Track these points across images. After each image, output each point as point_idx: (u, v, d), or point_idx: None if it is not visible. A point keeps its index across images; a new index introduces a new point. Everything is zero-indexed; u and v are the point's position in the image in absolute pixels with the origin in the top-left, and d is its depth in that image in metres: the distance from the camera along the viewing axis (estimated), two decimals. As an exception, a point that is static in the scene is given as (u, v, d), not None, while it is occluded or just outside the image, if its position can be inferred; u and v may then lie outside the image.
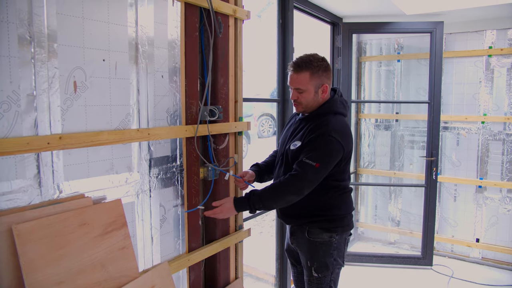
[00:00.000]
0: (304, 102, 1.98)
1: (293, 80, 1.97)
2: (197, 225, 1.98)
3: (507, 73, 3.76)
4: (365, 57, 4.44)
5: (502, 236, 3.89)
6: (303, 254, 2.10)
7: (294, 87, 1.98)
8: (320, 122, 1.95)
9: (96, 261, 1.39)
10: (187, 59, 1.85)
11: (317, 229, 2.03)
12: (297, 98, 1.98)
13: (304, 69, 1.93)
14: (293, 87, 1.98)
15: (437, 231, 4.16)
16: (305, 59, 1.94)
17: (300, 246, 2.10)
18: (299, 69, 1.94)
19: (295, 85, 1.97)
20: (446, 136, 4.10)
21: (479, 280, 3.59)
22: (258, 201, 1.87)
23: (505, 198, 3.86)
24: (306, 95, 1.96)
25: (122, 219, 1.52)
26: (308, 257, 2.07)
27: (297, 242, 2.12)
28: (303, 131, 1.99)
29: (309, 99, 1.97)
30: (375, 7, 3.40)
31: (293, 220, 2.11)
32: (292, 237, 2.15)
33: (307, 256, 2.07)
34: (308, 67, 1.93)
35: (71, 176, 1.41)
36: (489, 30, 3.80)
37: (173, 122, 1.81)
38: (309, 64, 1.93)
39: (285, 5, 2.86)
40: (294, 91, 1.98)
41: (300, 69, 1.94)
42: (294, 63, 1.96)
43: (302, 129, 2.01)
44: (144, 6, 1.64)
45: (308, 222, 2.05)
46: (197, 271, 1.99)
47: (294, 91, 1.99)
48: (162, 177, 1.78)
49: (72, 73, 1.39)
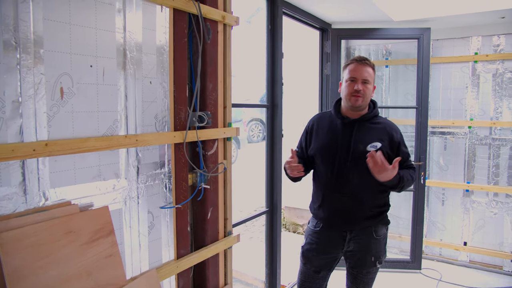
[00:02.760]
0: (367, 94, 2.03)
1: (362, 71, 2.01)
2: (186, 232, 1.97)
3: (492, 79, 3.82)
4: (353, 62, 4.46)
5: (489, 239, 3.94)
6: (366, 253, 2.12)
7: (363, 77, 2.01)
8: (385, 122, 2.13)
9: (82, 270, 1.37)
10: (176, 65, 1.85)
11: (380, 225, 2.14)
12: (363, 89, 2.00)
13: (369, 63, 2.04)
14: (362, 78, 2.01)
15: (426, 235, 4.20)
16: (364, 57, 2.08)
17: (363, 248, 2.12)
18: (366, 62, 2.02)
19: (364, 75, 2.01)
20: (434, 141, 4.15)
21: (467, 283, 3.62)
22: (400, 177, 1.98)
23: (492, 202, 3.91)
24: (370, 88, 2.03)
25: (109, 226, 1.50)
26: (374, 253, 2.13)
27: (358, 245, 2.12)
28: (375, 133, 2.06)
29: (370, 93, 2.05)
30: (364, 13, 3.44)
31: (361, 224, 2.10)
32: (350, 242, 2.13)
33: (372, 253, 2.12)
34: (371, 63, 2.05)
35: (57, 183, 1.39)
36: (474, 37, 3.87)
37: (162, 128, 1.80)
38: (370, 61, 2.06)
39: (274, 11, 2.88)
40: (360, 83, 2.01)
41: (366, 62, 2.02)
42: (359, 56, 2.06)
43: (371, 131, 2.07)
44: (132, 12, 1.63)
45: (376, 221, 2.11)
46: (186, 278, 1.98)
47: (360, 82, 2.01)
48: (150, 184, 1.77)
49: (59, 79, 1.38)
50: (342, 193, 2.07)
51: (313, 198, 2.25)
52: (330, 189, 2.11)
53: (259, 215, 3.02)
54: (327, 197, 2.13)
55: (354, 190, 2.06)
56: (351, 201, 2.07)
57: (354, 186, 2.05)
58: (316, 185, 2.22)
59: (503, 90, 3.78)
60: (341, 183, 2.07)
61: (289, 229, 5.46)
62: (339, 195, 2.08)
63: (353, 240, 2.13)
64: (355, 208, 2.08)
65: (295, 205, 5.38)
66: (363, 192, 2.06)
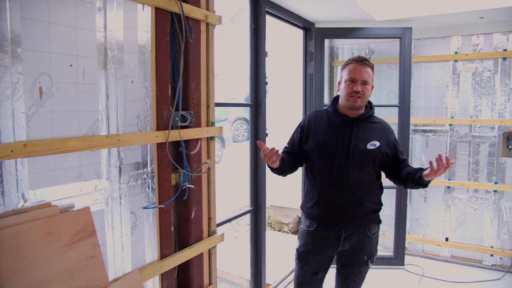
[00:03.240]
0: (366, 95, 2.05)
1: (362, 72, 2.02)
2: (169, 232, 1.96)
3: (472, 78, 3.90)
4: (337, 61, 4.51)
5: (470, 235, 4.02)
6: (360, 252, 2.14)
7: (363, 78, 2.02)
8: (381, 121, 2.19)
9: (63, 271, 1.36)
10: (158, 64, 1.84)
11: (373, 224, 2.18)
12: (362, 90, 2.02)
13: (368, 64, 2.05)
14: (361, 79, 2.02)
15: (409, 231, 4.27)
16: (363, 56, 2.09)
17: (358, 246, 2.14)
18: (365, 63, 2.03)
19: (364, 76, 2.02)
20: (416, 139, 4.22)
21: (449, 277, 3.69)
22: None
23: (472, 198, 3.99)
24: (369, 88, 2.06)
25: (91, 227, 1.49)
26: (367, 251, 2.16)
27: (353, 243, 2.14)
28: (374, 132, 2.11)
29: (369, 93, 2.08)
30: (347, 13, 3.47)
31: (358, 221, 2.12)
32: (345, 241, 2.14)
33: (365, 252, 2.15)
34: (370, 64, 2.06)
35: (36, 184, 1.37)
36: (455, 36, 3.94)
37: (144, 127, 1.79)
38: (369, 61, 2.06)
39: (258, 11, 2.88)
40: (360, 83, 2.02)
41: (366, 63, 2.03)
42: (359, 56, 2.06)
43: (370, 130, 2.11)
44: (113, 11, 1.61)
45: (371, 219, 2.15)
46: (170, 278, 1.97)
47: (359, 83, 2.02)
48: (132, 184, 1.76)
49: (38, 79, 1.36)
50: (341, 190, 2.08)
51: (307, 196, 2.23)
52: (328, 186, 2.10)
53: (243, 214, 3.02)
54: (324, 194, 2.12)
55: (353, 187, 2.07)
56: (350, 198, 2.08)
57: (353, 183, 2.07)
58: (311, 183, 2.19)
59: (482, 89, 3.86)
60: (341, 180, 2.07)
61: (274, 228, 5.48)
62: (338, 192, 2.08)
63: (348, 239, 2.13)
64: (353, 205, 2.09)
65: (280, 204, 5.40)
66: (362, 190, 2.09)
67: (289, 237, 5.19)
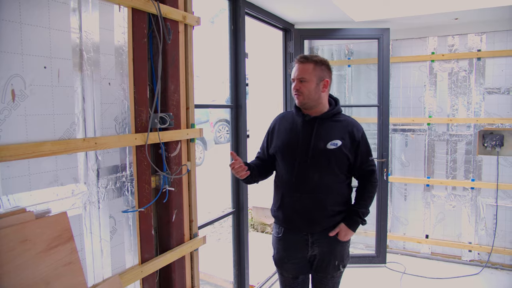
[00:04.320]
0: (305, 92, 2.02)
1: (298, 69, 2.04)
2: (150, 235, 1.93)
3: (448, 77, 3.99)
4: (317, 62, 4.53)
5: (449, 231, 4.11)
6: (331, 257, 2.11)
7: (298, 76, 2.03)
8: (347, 119, 2.12)
9: (39, 279, 1.32)
10: (136, 66, 1.81)
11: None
12: (299, 88, 2.02)
13: (310, 60, 2.04)
14: (297, 77, 2.04)
15: (390, 229, 4.32)
16: (310, 54, 2.14)
17: (327, 251, 2.10)
18: (305, 60, 2.04)
19: (299, 74, 2.03)
20: (396, 138, 4.28)
21: (429, 274, 3.76)
22: (366, 212, 2.12)
23: (450, 195, 4.07)
24: (308, 85, 2.01)
25: (68, 233, 1.45)
26: (338, 256, 2.13)
27: (322, 248, 2.10)
28: (336, 130, 2.06)
29: (311, 90, 2.02)
30: (326, 14, 3.50)
31: (321, 224, 2.08)
32: (313, 246, 2.10)
33: (336, 257, 2.12)
34: (313, 59, 2.04)
35: (10, 189, 1.33)
36: (431, 37, 4.02)
37: (122, 130, 1.76)
38: (314, 57, 2.06)
39: (237, 12, 2.88)
40: (297, 81, 2.04)
41: (306, 60, 2.04)
42: (301, 55, 2.08)
43: (332, 129, 2.06)
44: (88, 12, 1.58)
45: (337, 222, 2.10)
46: (151, 282, 1.94)
47: (297, 82, 2.04)
48: (111, 187, 1.72)
49: (10, 81, 1.32)
50: (301, 192, 2.04)
51: (273, 199, 2.22)
52: (289, 189, 2.08)
53: (225, 216, 3.01)
54: (286, 197, 2.10)
55: (314, 189, 2.03)
56: (311, 200, 2.04)
57: (314, 185, 2.03)
58: (275, 185, 2.20)
59: (458, 88, 3.95)
60: (301, 182, 2.04)
61: (257, 229, 5.48)
62: (298, 194, 2.05)
63: (316, 244, 2.10)
64: (314, 208, 2.05)
65: (262, 205, 5.40)
66: (323, 191, 2.04)
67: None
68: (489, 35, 3.79)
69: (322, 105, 2.09)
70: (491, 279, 3.70)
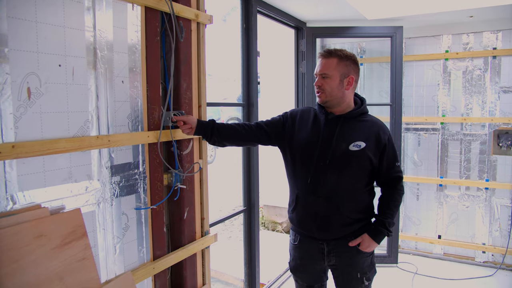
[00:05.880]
0: (328, 89, 1.89)
1: (321, 65, 1.90)
2: (162, 232, 1.95)
3: (462, 76, 3.93)
4: (329, 60, 4.51)
5: (462, 232, 4.05)
6: (351, 269, 1.98)
7: (320, 72, 1.90)
8: (373, 120, 1.99)
9: (53, 274, 1.34)
10: (149, 64, 1.82)
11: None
12: (321, 84, 1.90)
13: (333, 55, 1.90)
14: (319, 73, 1.90)
15: (402, 229, 4.29)
16: (336, 48, 1.94)
17: (346, 262, 1.98)
18: (329, 55, 1.90)
19: (321, 69, 1.89)
20: (408, 137, 4.24)
21: (442, 275, 3.72)
22: (392, 222, 1.96)
23: (464, 195, 4.02)
24: (330, 82, 1.88)
25: (82, 229, 1.47)
26: (359, 268, 1.98)
27: (340, 259, 1.98)
28: (360, 131, 1.91)
29: (333, 87, 1.88)
30: (338, 12, 3.48)
31: (336, 231, 1.94)
32: (330, 255, 1.99)
33: (357, 268, 1.98)
34: (337, 54, 1.90)
35: (26, 186, 1.35)
36: (445, 35, 3.97)
37: (135, 128, 1.78)
38: (339, 51, 1.91)
39: (249, 10, 2.88)
40: (319, 77, 1.91)
41: (329, 55, 1.90)
42: (326, 49, 1.94)
43: (356, 129, 1.92)
44: (102, 10, 1.60)
45: (355, 230, 1.95)
46: (163, 279, 1.96)
47: (319, 77, 1.91)
48: (124, 185, 1.74)
49: (26, 79, 1.34)
50: (317, 195, 1.91)
51: (289, 200, 2.10)
52: (304, 191, 1.95)
53: (236, 214, 3.01)
54: (300, 199, 1.98)
55: (330, 193, 1.90)
56: (326, 205, 1.91)
57: (331, 188, 1.90)
58: (290, 185, 2.08)
59: (472, 87, 3.89)
60: (317, 184, 1.91)
61: (268, 228, 5.48)
62: (314, 197, 1.92)
63: (333, 254, 1.98)
64: (330, 213, 1.92)
65: (273, 204, 5.40)
66: (340, 196, 1.91)
67: (283, 236, 5.19)
68: (505, 33, 3.72)
69: (346, 103, 1.95)
70: (506, 281, 3.64)
